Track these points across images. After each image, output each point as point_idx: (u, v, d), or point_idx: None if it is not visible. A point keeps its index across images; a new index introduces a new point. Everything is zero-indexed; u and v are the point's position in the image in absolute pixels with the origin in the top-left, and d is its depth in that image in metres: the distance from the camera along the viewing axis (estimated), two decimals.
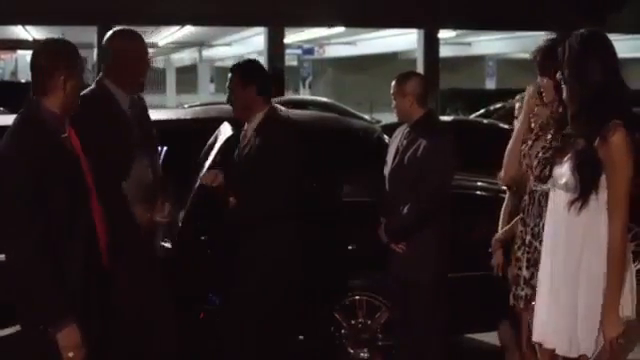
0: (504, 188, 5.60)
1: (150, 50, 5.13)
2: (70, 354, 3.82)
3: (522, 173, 5.21)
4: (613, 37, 4.09)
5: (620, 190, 3.80)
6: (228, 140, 5.17)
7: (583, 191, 3.84)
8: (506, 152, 5.06)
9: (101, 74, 4.90)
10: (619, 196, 3.80)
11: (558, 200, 3.98)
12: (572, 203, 3.87)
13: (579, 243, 3.90)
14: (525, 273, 4.69)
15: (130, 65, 4.84)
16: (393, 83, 5.66)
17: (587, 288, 3.87)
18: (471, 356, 6.66)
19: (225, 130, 5.33)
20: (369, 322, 6.05)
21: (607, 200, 3.83)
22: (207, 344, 5.76)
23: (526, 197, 4.72)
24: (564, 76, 3.96)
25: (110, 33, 4.95)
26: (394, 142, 5.69)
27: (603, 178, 3.83)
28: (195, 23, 30.02)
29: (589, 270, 3.87)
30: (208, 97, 40.06)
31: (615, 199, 3.81)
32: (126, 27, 5.03)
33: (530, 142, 4.92)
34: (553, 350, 4.03)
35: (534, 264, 4.53)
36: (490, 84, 44.22)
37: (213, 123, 5.64)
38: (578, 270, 3.89)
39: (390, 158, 5.65)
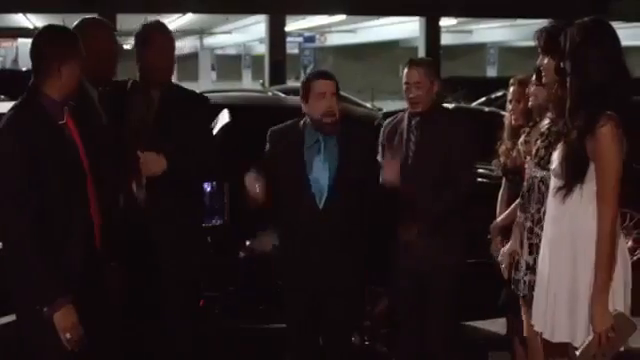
0: (501, 174, 5.60)
1: None
2: (67, 335, 3.86)
3: (516, 159, 5.22)
4: (615, 25, 4.05)
5: (608, 182, 3.75)
6: (225, 127, 5.16)
7: (568, 181, 3.83)
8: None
9: None
10: (607, 188, 3.76)
11: (551, 186, 4.00)
12: (558, 190, 3.88)
13: (565, 231, 3.89)
14: (528, 259, 4.67)
15: (95, 57, 4.52)
16: (415, 70, 5.34)
17: (570, 276, 3.87)
18: (473, 344, 6.66)
19: (223, 117, 5.33)
20: (370, 310, 6.05)
21: (596, 191, 3.79)
22: (206, 332, 5.77)
23: (525, 183, 4.71)
24: (565, 67, 3.93)
25: (75, 24, 4.73)
26: (397, 133, 5.43)
27: (592, 169, 3.80)
28: (196, 10, 30.01)
29: (573, 258, 3.86)
30: (209, 85, 40.04)
31: (604, 191, 3.76)
32: (93, 17, 4.89)
33: (528, 129, 4.90)
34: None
35: (536, 250, 4.52)
36: (491, 72, 44.18)
37: (213, 110, 5.63)
38: (562, 257, 3.89)
39: (398, 150, 5.34)
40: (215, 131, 5.22)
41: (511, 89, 5.47)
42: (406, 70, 5.39)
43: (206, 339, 5.76)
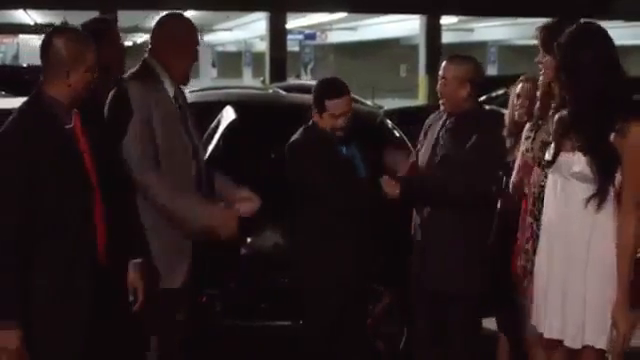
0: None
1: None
2: (4, 357, 3.69)
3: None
4: (615, 24, 4.07)
5: (634, 184, 3.81)
6: (230, 125, 5.16)
7: (602, 186, 3.84)
8: None
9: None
10: (635, 191, 3.81)
11: (568, 189, 3.97)
12: (590, 198, 3.86)
13: (588, 233, 3.91)
14: None
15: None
16: (448, 65, 5.08)
17: (595, 279, 3.89)
18: None
19: (227, 114, 5.33)
20: (371, 308, 6.06)
21: (622, 194, 3.83)
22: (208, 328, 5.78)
23: (534, 189, 4.67)
24: (561, 70, 3.97)
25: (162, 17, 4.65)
26: (431, 130, 5.20)
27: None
28: (197, 7, 29.98)
29: (598, 260, 3.89)
30: (210, 82, 40.05)
31: (631, 194, 3.82)
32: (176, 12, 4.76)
33: (532, 135, 4.84)
34: (558, 341, 4.05)
35: None
36: (492, 70, 44.18)
37: (215, 107, 5.64)
38: (587, 260, 3.91)
39: (426, 149, 5.15)
40: (221, 128, 5.22)
41: (520, 85, 5.33)
42: (444, 62, 5.18)
43: (207, 336, 5.78)
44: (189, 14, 32.31)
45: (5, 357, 3.70)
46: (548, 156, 4.07)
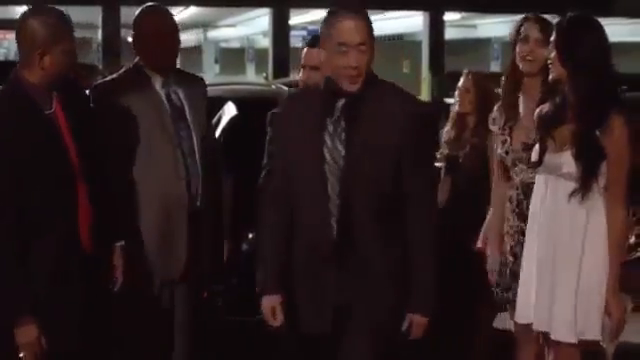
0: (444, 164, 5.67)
1: None
2: (21, 354, 3.71)
3: (459, 148, 5.25)
4: (615, 21, 4.11)
5: (622, 178, 3.91)
6: (232, 120, 5.16)
7: (585, 179, 3.90)
8: None
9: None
10: (621, 183, 3.92)
11: (558, 188, 4.01)
12: (574, 192, 3.93)
13: (582, 229, 3.96)
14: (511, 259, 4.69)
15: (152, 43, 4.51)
16: (356, 22, 3.92)
17: (591, 274, 3.96)
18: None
19: (229, 110, 5.33)
20: None
21: (608, 187, 3.92)
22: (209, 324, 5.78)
23: (518, 190, 4.58)
24: (553, 59, 4.01)
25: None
26: (309, 127, 3.94)
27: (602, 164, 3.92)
28: (199, 3, 29.98)
29: (593, 255, 3.96)
30: (213, 78, 40.02)
31: (617, 186, 3.91)
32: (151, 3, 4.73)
33: (507, 137, 4.70)
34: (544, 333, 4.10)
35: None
36: (495, 67, 44.12)
37: (217, 103, 5.63)
38: (582, 256, 3.96)
39: (315, 154, 3.94)
40: (222, 124, 5.22)
41: (462, 79, 5.55)
42: (339, 23, 3.93)
43: (208, 332, 5.79)
44: (192, 10, 32.32)
45: (23, 353, 3.72)
46: (535, 156, 4.11)
